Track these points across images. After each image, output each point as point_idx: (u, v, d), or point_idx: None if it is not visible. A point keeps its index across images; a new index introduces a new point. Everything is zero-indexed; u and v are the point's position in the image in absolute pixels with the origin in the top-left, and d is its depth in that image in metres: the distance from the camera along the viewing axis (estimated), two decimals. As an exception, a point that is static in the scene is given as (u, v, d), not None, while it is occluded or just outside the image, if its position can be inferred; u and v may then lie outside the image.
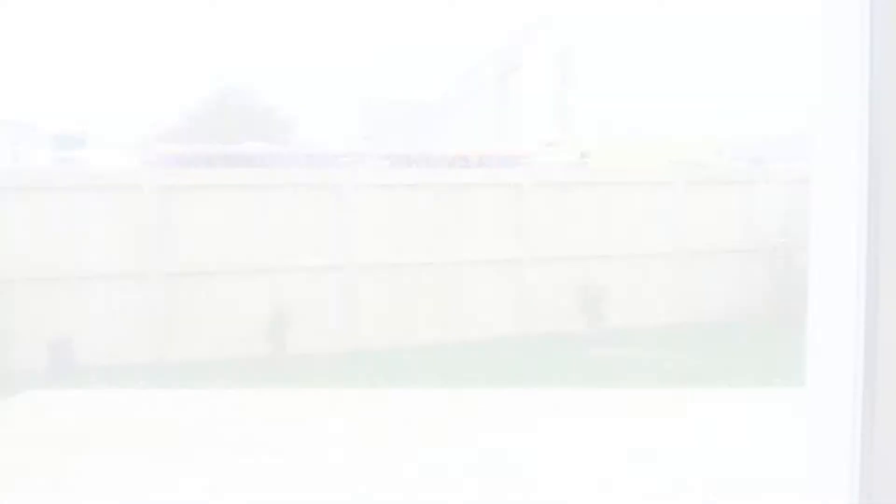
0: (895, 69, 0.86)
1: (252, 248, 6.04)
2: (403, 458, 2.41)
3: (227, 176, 6.28)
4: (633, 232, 6.83)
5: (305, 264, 6.09)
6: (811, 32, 0.98)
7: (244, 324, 5.87)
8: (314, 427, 2.76)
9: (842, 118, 0.93)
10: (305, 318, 6.03)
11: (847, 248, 0.95)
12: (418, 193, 6.53)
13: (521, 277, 6.58)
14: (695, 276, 6.81)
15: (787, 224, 7.01)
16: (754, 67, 6.68)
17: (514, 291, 6.60)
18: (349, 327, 6.14)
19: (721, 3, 7.24)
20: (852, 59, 0.90)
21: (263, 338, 5.87)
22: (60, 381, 5.12)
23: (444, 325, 6.40)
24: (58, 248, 5.69)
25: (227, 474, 2.27)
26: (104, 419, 3.42)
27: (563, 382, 5.00)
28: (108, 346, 5.66)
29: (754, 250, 6.93)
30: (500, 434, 2.55)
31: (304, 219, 6.22)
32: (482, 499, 2.10)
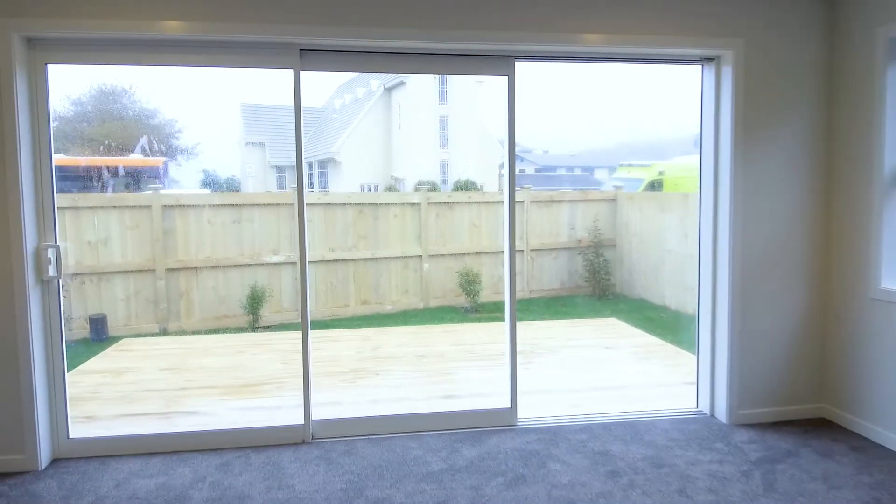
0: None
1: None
2: (377, 350, 5.34)
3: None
4: (498, 235, 10.00)
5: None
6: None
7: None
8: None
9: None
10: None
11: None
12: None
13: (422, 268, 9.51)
14: (539, 265, 10.06)
15: (597, 227, 10.49)
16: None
17: (416, 278, 9.51)
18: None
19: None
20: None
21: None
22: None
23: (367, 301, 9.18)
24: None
25: (243, 360, 5.08)
26: (184, 346, 5.96)
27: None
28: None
29: (574, 247, 10.31)
30: (414, 339, 5.57)
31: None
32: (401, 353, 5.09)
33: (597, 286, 10.41)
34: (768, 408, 3.69)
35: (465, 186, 15.18)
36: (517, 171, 3.65)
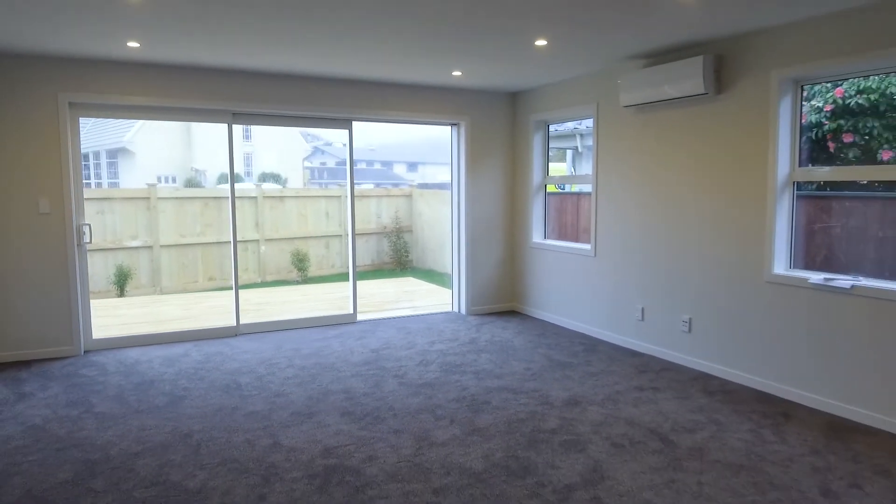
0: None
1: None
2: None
3: None
4: (320, 223, 12.66)
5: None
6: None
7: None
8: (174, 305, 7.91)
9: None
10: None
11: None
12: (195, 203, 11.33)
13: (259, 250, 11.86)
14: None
15: (398, 217, 13.62)
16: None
17: (255, 258, 11.84)
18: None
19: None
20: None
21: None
22: None
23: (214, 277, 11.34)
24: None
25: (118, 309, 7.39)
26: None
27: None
28: None
29: (381, 232, 13.35)
30: (269, 295, 8.13)
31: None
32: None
33: (399, 262, 13.60)
34: (486, 305, 7.06)
35: (269, 179, 17.26)
36: (319, 164, 6.51)
